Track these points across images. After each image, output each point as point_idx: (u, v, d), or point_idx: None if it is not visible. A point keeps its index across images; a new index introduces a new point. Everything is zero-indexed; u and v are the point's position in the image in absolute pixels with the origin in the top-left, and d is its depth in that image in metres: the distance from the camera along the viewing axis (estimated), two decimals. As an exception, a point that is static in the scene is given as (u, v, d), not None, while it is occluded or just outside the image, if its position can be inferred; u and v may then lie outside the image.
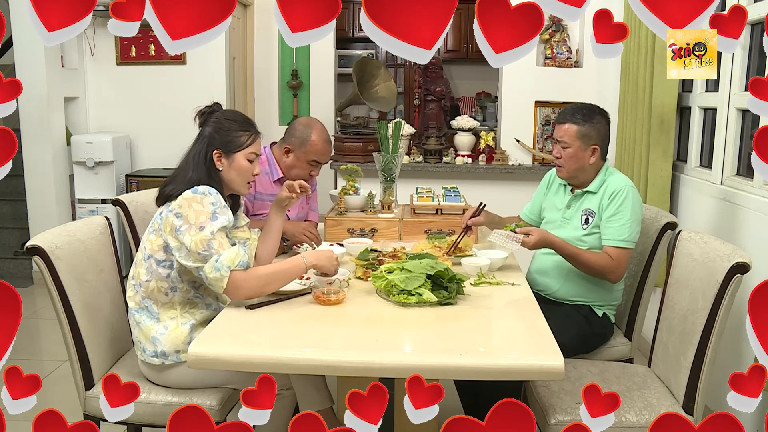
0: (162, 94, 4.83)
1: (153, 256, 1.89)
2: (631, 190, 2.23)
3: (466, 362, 1.51)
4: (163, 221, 1.86)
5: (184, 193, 1.83)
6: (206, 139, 1.92)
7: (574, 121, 2.27)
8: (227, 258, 1.77)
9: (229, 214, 1.86)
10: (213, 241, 1.78)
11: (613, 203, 2.22)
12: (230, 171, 1.93)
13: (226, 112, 1.98)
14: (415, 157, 4.14)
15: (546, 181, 2.56)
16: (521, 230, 2.16)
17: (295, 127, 2.48)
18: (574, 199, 2.35)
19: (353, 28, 7.46)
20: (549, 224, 2.43)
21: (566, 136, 2.27)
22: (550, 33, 4.11)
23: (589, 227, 2.28)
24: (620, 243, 2.19)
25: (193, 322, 1.92)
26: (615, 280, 2.24)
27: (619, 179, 2.28)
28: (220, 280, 1.77)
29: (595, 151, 2.27)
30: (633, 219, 2.20)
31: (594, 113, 2.28)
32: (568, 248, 2.20)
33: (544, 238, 2.17)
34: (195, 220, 1.80)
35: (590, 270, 2.21)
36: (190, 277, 1.91)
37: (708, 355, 1.80)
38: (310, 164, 2.47)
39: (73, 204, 4.67)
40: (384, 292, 1.91)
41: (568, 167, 2.30)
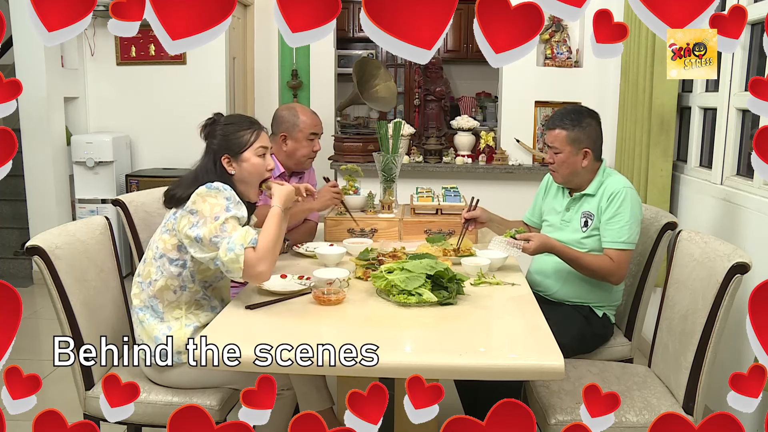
0: (162, 94, 4.83)
1: (166, 255, 1.90)
2: (630, 191, 2.23)
3: (466, 362, 1.51)
4: (178, 220, 1.86)
5: (199, 189, 1.83)
6: (212, 149, 1.94)
7: (563, 127, 2.26)
8: (238, 236, 1.77)
9: (243, 209, 1.87)
10: (225, 224, 1.79)
11: (612, 205, 2.21)
12: (242, 172, 1.94)
13: (226, 118, 1.99)
14: (415, 157, 4.14)
15: (544, 185, 2.55)
16: (521, 236, 2.15)
17: (280, 115, 2.58)
18: (573, 201, 2.35)
19: (353, 28, 7.45)
20: (549, 227, 2.43)
21: (557, 142, 2.27)
22: (550, 33, 4.11)
23: (588, 229, 2.27)
24: (620, 245, 2.18)
25: (197, 324, 1.92)
26: (616, 282, 2.23)
27: (617, 181, 2.27)
28: (235, 261, 1.75)
29: (586, 154, 2.26)
30: (632, 220, 2.20)
31: (583, 116, 2.27)
32: (569, 252, 2.20)
33: (544, 244, 2.17)
34: (210, 213, 1.80)
35: (592, 273, 2.21)
36: (202, 276, 1.91)
37: (708, 355, 1.80)
38: (310, 139, 2.55)
39: (73, 204, 4.67)
40: (384, 292, 1.91)
41: (562, 172, 2.30)
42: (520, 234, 2.17)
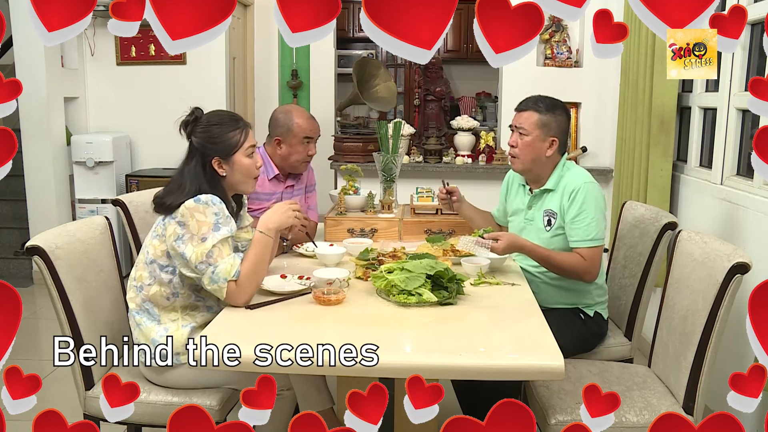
0: (162, 94, 4.82)
1: (156, 261, 1.90)
2: (590, 186, 2.18)
3: (466, 362, 1.51)
4: (166, 228, 1.86)
5: (187, 203, 1.82)
6: (198, 150, 1.90)
7: (536, 109, 2.23)
8: (223, 270, 1.80)
9: (232, 224, 1.87)
10: (213, 249, 1.80)
11: (575, 203, 2.17)
12: (234, 174, 1.93)
13: (209, 116, 1.95)
14: (415, 157, 4.14)
15: (506, 183, 2.51)
16: (489, 236, 2.11)
17: (276, 118, 2.57)
18: (534, 198, 2.31)
19: (353, 28, 7.45)
20: (513, 226, 2.40)
21: (526, 124, 2.23)
22: (550, 33, 4.11)
23: (552, 228, 2.24)
24: (589, 243, 2.15)
25: (194, 325, 1.92)
26: (590, 280, 2.20)
27: (576, 175, 2.23)
28: (218, 292, 1.81)
29: (553, 143, 2.22)
30: (597, 216, 2.16)
31: (557, 106, 2.25)
32: (539, 251, 2.16)
33: (513, 243, 2.13)
34: (197, 231, 1.80)
35: (564, 272, 2.18)
36: (191, 281, 1.91)
37: (708, 355, 1.80)
38: (304, 144, 2.54)
39: (73, 204, 4.67)
40: (384, 292, 1.91)
41: (523, 157, 2.24)
42: (488, 233, 2.13)
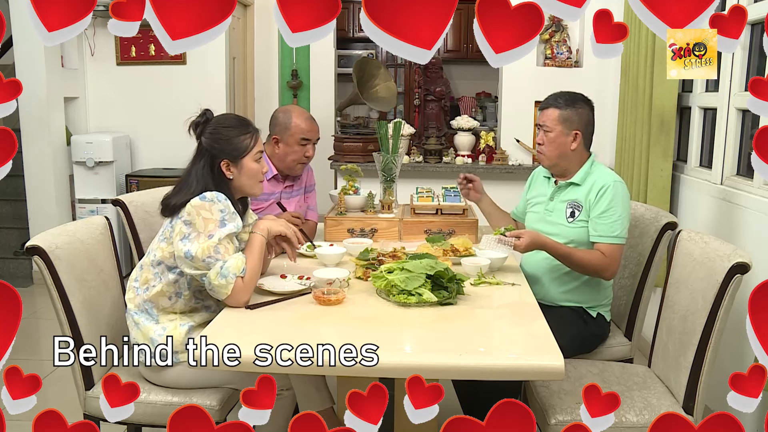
0: (162, 94, 4.83)
1: (164, 262, 1.90)
2: (621, 185, 2.21)
3: (466, 362, 1.51)
4: (174, 229, 1.86)
5: (192, 201, 1.83)
6: (208, 152, 1.91)
7: (556, 106, 2.27)
8: (233, 265, 1.80)
9: (237, 221, 1.87)
10: (219, 246, 1.80)
11: (604, 199, 2.19)
12: (241, 177, 1.94)
13: (219, 119, 1.96)
14: (415, 157, 4.14)
15: (530, 180, 2.55)
16: (512, 233, 2.12)
17: (276, 117, 2.57)
18: (558, 190, 2.32)
19: (353, 28, 7.45)
20: (533, 216, 2.40)
21: (548, 121, 2.27)
22: (550, 33, 4.11)
23: (575, 220, 2.24)
24: (613, 239, 2.16)
25: (192, 324, 1.93)
26: (609, 278, 2.21)
27: (606, 174, 2.25)
28: (224, 287, 1.79)
29: (576, 136, 2.25)
30: (624, 215, 2.18)
31: (577, 99, 2.28)
32: (561, 249, 2.17)
33: (535, 241, 2.13)
34: (204, 228, 1.81)
35: (584, 269, 2.19)
36: (197, 284, 1.91)
37: (708, 355, 1.80)
38: (301, 145, 2.53)
39: (73, 204, 4.67)
40: (384, 292, 1.91)
41: (549, 153, 2.28)
42: (510, 231, 2.14)
